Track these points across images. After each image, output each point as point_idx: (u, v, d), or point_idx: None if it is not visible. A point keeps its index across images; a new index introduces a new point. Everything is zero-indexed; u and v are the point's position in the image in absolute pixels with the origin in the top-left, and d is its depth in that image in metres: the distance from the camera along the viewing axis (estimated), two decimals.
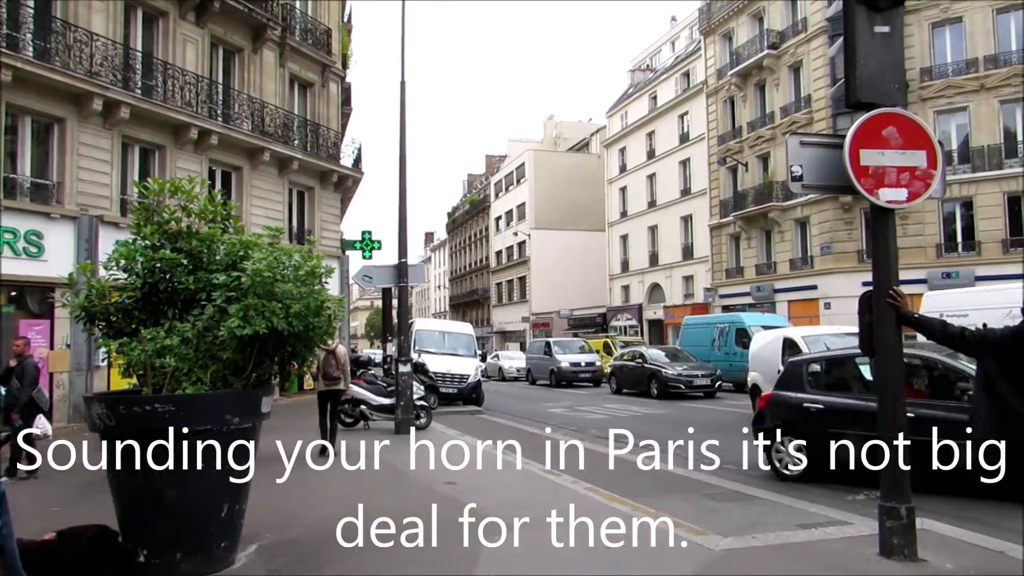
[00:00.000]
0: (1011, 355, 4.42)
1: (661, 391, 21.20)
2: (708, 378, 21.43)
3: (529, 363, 32.63)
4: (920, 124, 5.20)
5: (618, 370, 24.49)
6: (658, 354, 23.47)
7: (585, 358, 29.48)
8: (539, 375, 30.60)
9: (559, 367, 28.69)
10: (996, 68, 26.18)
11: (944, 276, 26.38)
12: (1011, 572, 4.78)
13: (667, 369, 21.81)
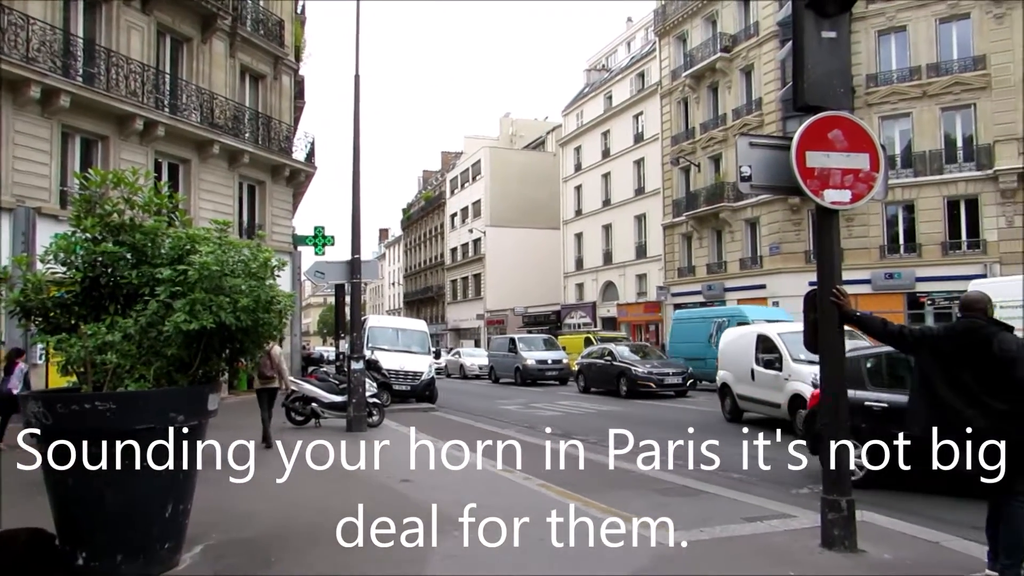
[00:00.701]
0: (946, 353, 4.59)
1: (631, 390, 20.52)
2: (679, 376, 20.81)
3: (492, 360, 31.64)
4: (864, 128, 5.35)
5: (586, 368, 23.63)
6: (627, 352, 22.58)
7: (552, 355, 28.68)
8: (503, 373, 29.74)
9: (524, 365, 27.85)
10: (938, 76, 27.10)
11: (887, 277, 27.23)
12: (945, 560, 4.96)
13: (637, 367, 20.99)
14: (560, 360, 28.23)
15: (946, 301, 25.24)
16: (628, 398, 20.20)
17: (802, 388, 11.59)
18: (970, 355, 4.46)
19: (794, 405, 11.88)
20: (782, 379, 12.52)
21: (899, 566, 4.88)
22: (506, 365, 29.29)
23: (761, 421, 13.53)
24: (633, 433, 12.74)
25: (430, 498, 7.16)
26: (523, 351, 28.52)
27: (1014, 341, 4.39)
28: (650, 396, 20.12)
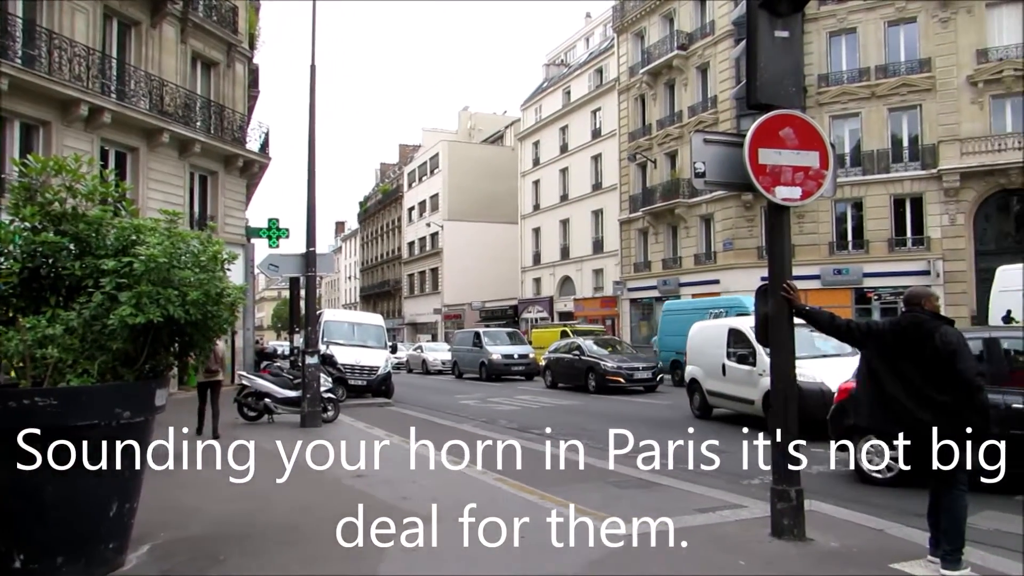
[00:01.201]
0: (890, 346, 4.72)
1: (599, 385, 19.94)
2: (649, 371, 20.26)
3: (456, 355, 30.82)
4: (814, 126, 5.45)
5: (553, 363, 22.90)
6: (595, 346, 21.84)
7: (518, 350, 27.85)
8: (467, 368, 28.99)
9: (490, 360, 26.97)
10: (886, 77, 27.85)
11: (835, 272, 27.91)
12: (889, 547, 5.10)
13: (605, 362, 20.25)
14: (527, 355, 27.57)
15: (892, 296, 25.99)
16: (597, 393, 19.74)
17: None
18: (914, 348, 4.59)
19: (765, 403, 11.20)
20: (756, 374, 11.99)
21: (845, 554, 5.00)
22: (470, 360, 28.58)
23: (731, 418, 13.18)
24: (593, 428, 12.91)
25: (384, 494, 7.11)
26: (488, 345, 27.75)
27: (955, 335, 4.53)
28: (620, 391, 19.61)
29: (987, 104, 26.14)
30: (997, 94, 26.01)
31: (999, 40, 26.18)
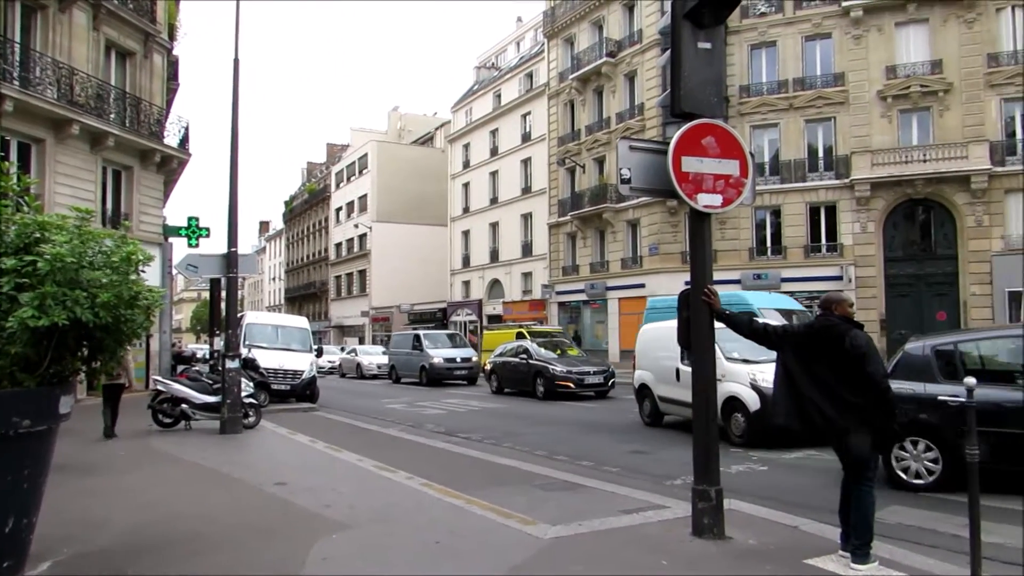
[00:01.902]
0: (805, 349, 4.89)
1: (548, 391, 18.96)
2: (601, 376, 19.31)
3: (393, 359, 29.36)
4: (735, 136, 5.60)
5: (499, 368, 21.83)
6: (543, 350, 20.70)
7: (460, 353, 26.74)
8: (405, 372, 27.70)
9: (431, 364, 25.78)
10: (803, 90, 28.99)
11: (755, 277, 28.83)
12: (804, 544, 5.28)
13: (555, 366, 19.21)
14: (469, 358, 26.55)
15: (808, 300, 27.03)
16: (546, 399, 18.80)
17: (738, 390, 10.41)
18: (826, 351, 4.77)
19: (729, 408, 10.48)
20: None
21: (762, 551, 5.15)
22: (409, 364, 27.38)
23: (684, 425, 12.09)
24: (522, 432, 12.95)
25: (306, 501, 6.94)
26: (429, 348, 26.48)
27: (864, 338, 4.73)
28: (570, 397, 18.74)
29: (895, 118, 27.54)
30: (904, 108, 27.43)
31: (907, 57, 27.63)
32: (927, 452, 7.28)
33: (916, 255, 27.41)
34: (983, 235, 25.94)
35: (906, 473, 7.39)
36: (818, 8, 29.01)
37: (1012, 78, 25.82)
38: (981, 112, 26.22)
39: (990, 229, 25.88)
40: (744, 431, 10.29)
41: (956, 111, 26.57)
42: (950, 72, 26.70)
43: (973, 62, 26.37)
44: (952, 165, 25.93)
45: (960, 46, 26.60)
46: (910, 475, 7.37)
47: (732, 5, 5.42)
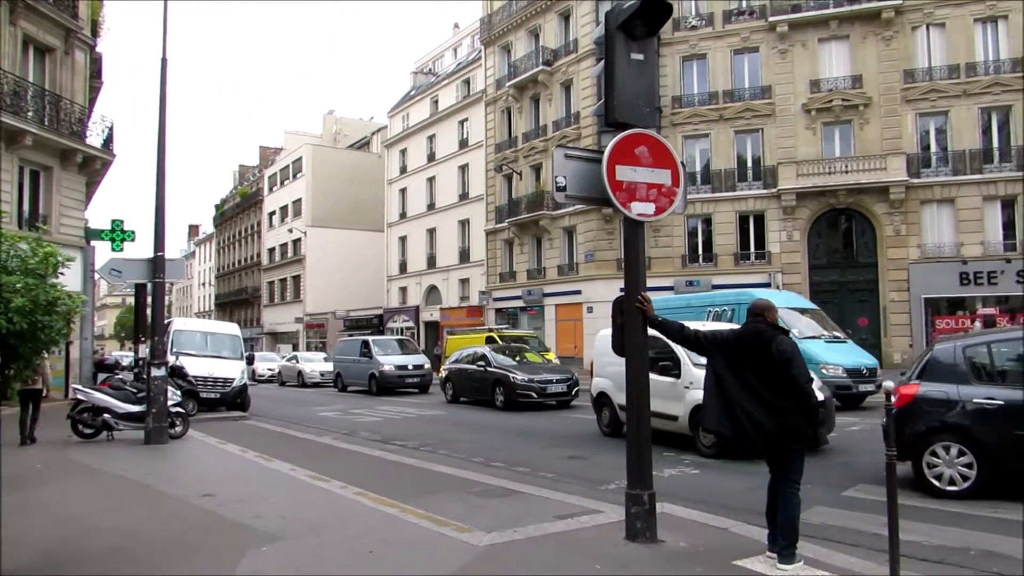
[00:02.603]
0: (735, 354, 5.02)
1: (508, 400, 17.73)
2: (564, 384, 17.97)
3: (339, 366, 27.78)
4: (667, 146, 5.72)
5: (455, 376, 20.57)
6: (503, 356, 19.54)
7: (412, 360, 25.45)
8: (353, 381, 26.31)
9: (382, 371, 24.32)
10: (732, 102, 29.89)
11: (688, 284, 29.50)
12: (733, 545, 5.41)
13: (515, 374, 17.93)
14: (422, 365, 25.44)
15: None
16: (505, 410, 17.55)
17: None
18: (754, 356, 4.91)
19: (692, 421, 10.08)
20: (681, 387, 10.47)
21: (693, 553, 5.25)
22: (357, 372, 25.94)
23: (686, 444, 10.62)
24: (459, 439, 12.88)
25: (235, 513, 6.75)
26: (379, 355, 25.02)
27: (790, 343, 4.88)
28: (532, 407, 17.32)
29: (819, 130, 28.66)
30: (827, 121, 28.58)
31: (829, 72, 28.81)
32: (960, 457, 7.00)
33: (839, 263, 28.54)
34: (901, 244, 27.20)
35: (939, 480, 7.09)
36: (746, 23, 29.98)
37: (926, 94, 27.24)
38: (898, 126, 27.54)
39: (907, 238, 27.16)
40: (714, 442, 9.69)
41: (875, 124, 27.83)
42: (869, 87, 27.96)
43: (891, 78, 27.70)
44: (872, 176, 27.13)
45: (879, 62, 27.91)
46: (943, 482, 7.06)
47: (664, 18, 5.54)
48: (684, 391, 10.41)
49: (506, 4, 38.59)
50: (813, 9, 28.73)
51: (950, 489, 7.01)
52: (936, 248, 26.86)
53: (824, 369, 14.98)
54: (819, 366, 14.89)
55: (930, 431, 7.15)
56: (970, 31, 27.07)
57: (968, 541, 5.60)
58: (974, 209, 26.57)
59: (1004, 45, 26.70)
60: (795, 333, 14.77)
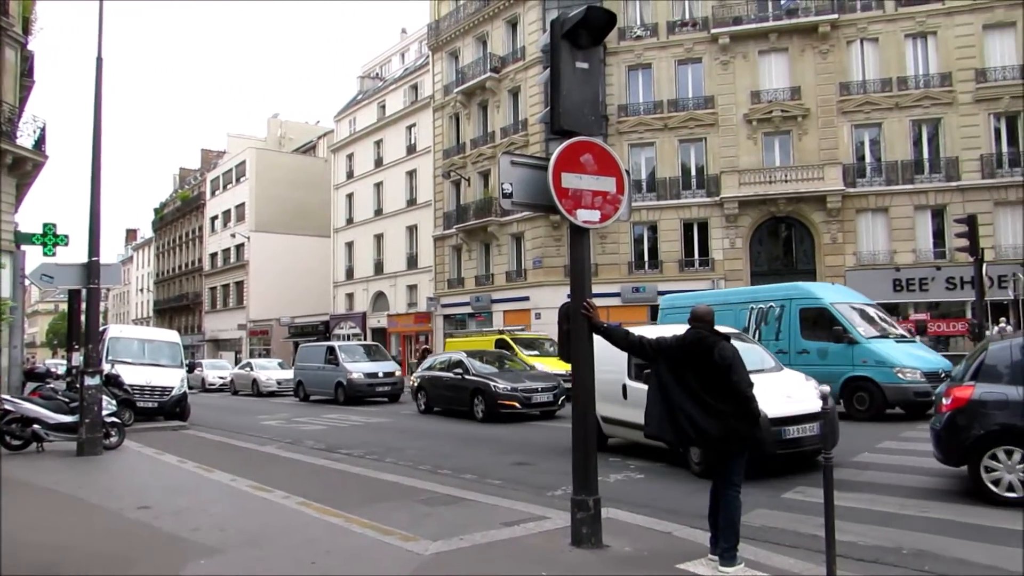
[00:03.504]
0: (678, 360, 5.10)
1: (489, 411, 16.26)
2: (550, 393, 16.57)
3: (301, 375, 25.94)
4: (611, 154, 5.79)
5: (429, 384, 19.04)
6: (481, 364, 18.07)
7: (383, 367, 23.89)
8: (316, 389, 24.65)
9: (350, 379, 22.66)
10: (677, 111, 30.45)
11: (634, 290, 29.90)
12: (677, 549, 5.48)
13: (497, 383, 16.46)
14: (393, 372, 23.90)
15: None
16: (486, 421, 16.12)
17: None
18: (697, 362, 4.99)
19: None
20: None
21: (637, 557, 5.31)
22: (322, 380, 24.25)
23: (632, 449, 10.67)
24: (406, 447, 12.77)
25: (172, 526, 6.55)
26: (347, 362, 23.51)
27: (731, 350, 4.98)
28: (515, 418, 16.01)
29: (760, 140, 29.42)
30: (768, 131, 29.36)
31: (769, 83, 29.62)
32: (1023, 463, 6.71)
33: (779, 269, 29.27)
34: (838, 251, 28.08)
35: (997, 485, 6.80)
36: (689, 34, 30.61)
37: (861, 106, 28.25)
38: (835, 137, 28.47)
39: (844, 246, 28.05)
40: (704, 458, 8.47)
41: (813, 135, 28.71)
42: (808, 99, 28.84)
43: (827, 90, 28.62)
44: (810, 186, 27.95)
45: (816, 75, 28.83)
46: (1002, 487, 6.77)
47: (608, 28, 5.61)
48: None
49: (454, 10, 38.59)
50: (753, 22, 29.51)
51: (1009, 496, 6.71)
52: (871, 255, 27.81)
53: (900, 373, 13.42)
54: (894, 370, 13.42)
55: (988, 435, 6.85)
56: (901, 46, 28.20)
57: (901, 541, 5.78)
58: (906, 218, 27.62)
59: (933, 60, 27.88)
60: (860, 332, 13.91)
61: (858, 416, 13.48)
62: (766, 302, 15.77)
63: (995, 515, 6.42)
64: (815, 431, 8.26)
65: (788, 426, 8.25)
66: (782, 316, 15.16)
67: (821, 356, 14.41)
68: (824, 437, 4.99)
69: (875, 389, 13.51)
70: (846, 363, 13.99)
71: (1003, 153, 27.11)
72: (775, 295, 15.86)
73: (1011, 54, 27.05)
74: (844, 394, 13.85)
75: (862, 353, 13.90)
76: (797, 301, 15.26)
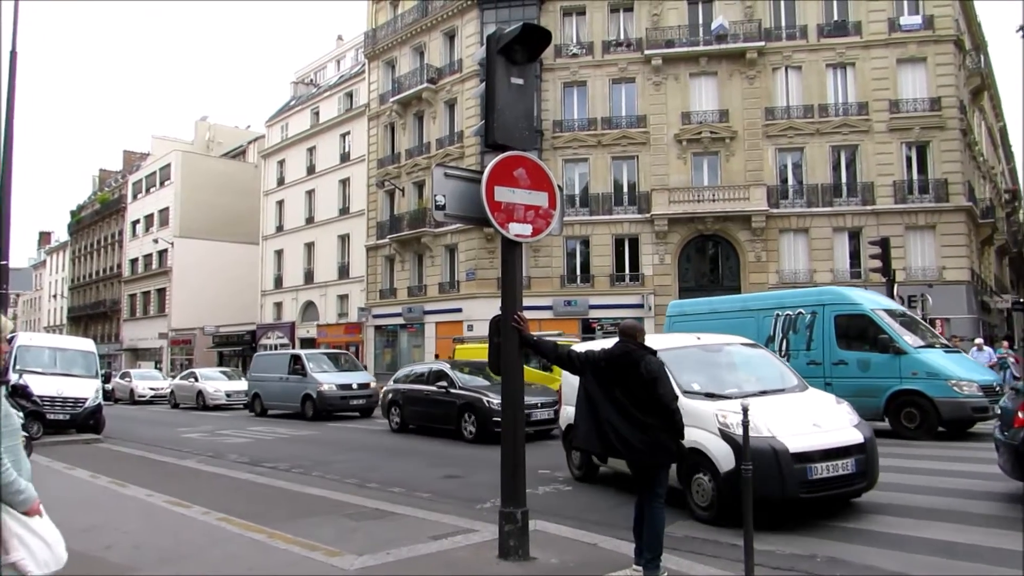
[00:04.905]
0: (605, 373, 5.19)
1: (483, 430, 13.89)
2: (550, 409, 14.12)
3: (258, 387, 23.44)
4: (544, 169, 5.87)
5: (404, 399, 16.70)
6: (471, 376, 16.01)
7: (356, 378, 21.81)
8: (276, 403, 22.38)
9: (320, 392, 20.43)
10: (610, 129, 31.06)
11: (566, 304, 30.22)
12: (602, 560, 5.54)
13: (491, 397, 13.99)
14: (367, 384, 21.77)
15: (612, 326, 28.74)
16: (477, 442, 13.97)
17: (702, 439, 6.76)
18: (624, 375, 5.08)
19: (690, 466, 6.89)
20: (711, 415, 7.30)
21: (563, 569, 5.34)
22: (285, 392, 21.85)
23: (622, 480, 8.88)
24: (333, 459, 12.51)
25: (82, 543, 6.23)
26: (316, 372, 21.23)
27: (657, 363, 5.10)
28: None
29: (689, 160, 30.27)
30: (697, 152, 30.24)
31: (699, 105, 30.53)
32: None
33: (706, 286, 30.07)
34: (761, 269, 29.06)
35: None
36: (624, 54, 31.31)
37: (785, 131, 29.43)
38: (760, 159, 29.54)
39: (767, 264, 29.06)
40: (712, 500, 6.83)
41: (740, 157, 29.72)
42: (735, 121, 29.86)
43: (753, 114, 29.71)
44: (736, 205, 28.90)
45: (743, 99, 29.89)
46: None
47: (543, 45, 5.70)
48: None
49: (391, 20, 38.46)
50: (685, 45, 30.40)
51: None
52: (792, 274, 28.88)
53: (956, 387, 11.92)
54: (949, 383, 11.95)
55: None
56: (823, 75, 29.55)
57: (817, 549, 5.99)
58: (825, 239, 28.84)
59: (852, 90, 29.33)
60: (907, 341, 12.54)
61: (907, 434, 12.06)
62: (794, 308, 14.10)
63: (922, 526, 6.67)
64: (851, 468, 6.63)
65: (816, 463, 6.51)
66: (814, 324, 13.51)
67: (862, 368, 12.87)
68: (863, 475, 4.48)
69: (927, 404, 12.02)
70: (892, 375, 12.47)
71: (914, 180, 28.72)
72: (805, 301, 14.24)
73: (922, 87, 28.78)
74: (890, 410, 12.42)
75: (911, 364, 12.38)
76: (831, 307, 13.61)
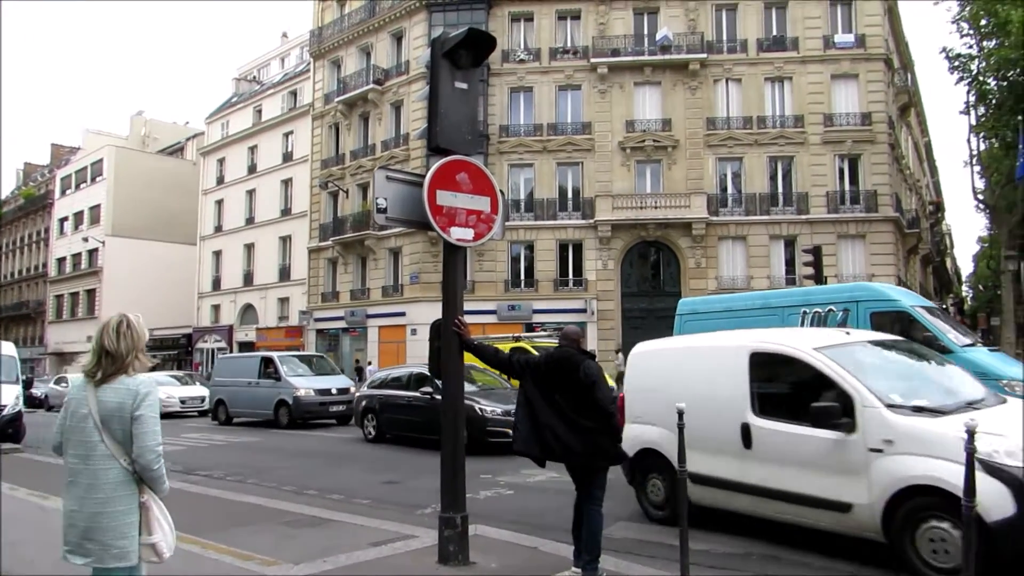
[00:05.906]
0: (544, 376, 5.23)
1: (475, 440, 11.38)
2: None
3: (223, 392, 21.76)
4: (486, 174, 5.89)
5: (381, 406, 15.34)
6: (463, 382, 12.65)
7: (335, 382, 20.55)
8: (245, 410, 20.88)
9: (297, 397, 19.16)
10: (556, 135, 31.31)
11: (510, 308, 30.28)
12: (542, 563, 5.58)
13: (483, 404, 12.73)
14: (347, 389, 20.40)
15: (555, 330, 28.94)
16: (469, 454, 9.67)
17: (945, 474, 4.94)
18: (563, 379, 5.13)
19: (898, 513, 5.31)
20: (858, 450, 5.55)
21: (503, 572, 5.35)
22: (255, 399, 20.41)
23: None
24: (271, 466, 12.25)
25: (6, 563, 5.96)
26: (291, 376, 19.87)
27: (595, 367, 5.16)
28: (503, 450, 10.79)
29: (633, 167, 30.73)
30: (640, 159, 30.72)
31: (643, 114, 31.05)
32: None
33: (648, 291, 30.60)
34: (701, 275, 29.67)
35: None
36: (570, 62, 31.61)
37: (725, 140, 30.18)
38: (701, 168, 30.20)
39: (707, 270, 29.69)
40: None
41: (681, 165, 30.33)
42: (677, 130, 30.46)
43: (695, 124, 30.37)
44: (677, 213, 29.46)
45: (685, 109, 30.53)
46: None
47: (488, 50, 5.72)
48: (869, 458, 5.47)
49: (338, 19, 37.97)
50: (630, 55, 30.88)
51: None
52: (731, 280, 29.55)
53: (1008, 387, 10.38)
54: (1001, 382, 10.46)
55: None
56: (761, 88, 30.42)
57: (752, 548, 6.14)
58: (762, 246, 29.64)
59: (789, 103, 30.28)
60: (951, 340, 11.31)
61: None
62: (823, 305, 12.79)
63: None
64: None
65: None
66: (846, 322, 12.18)
67: None
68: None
69: None
70: None
71: (846, 191, 29.79)
72: (836, 297, 12.97)
73: (854, 102, 29.95)
74: None
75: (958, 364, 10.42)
76: (866, 304, 12.44)
